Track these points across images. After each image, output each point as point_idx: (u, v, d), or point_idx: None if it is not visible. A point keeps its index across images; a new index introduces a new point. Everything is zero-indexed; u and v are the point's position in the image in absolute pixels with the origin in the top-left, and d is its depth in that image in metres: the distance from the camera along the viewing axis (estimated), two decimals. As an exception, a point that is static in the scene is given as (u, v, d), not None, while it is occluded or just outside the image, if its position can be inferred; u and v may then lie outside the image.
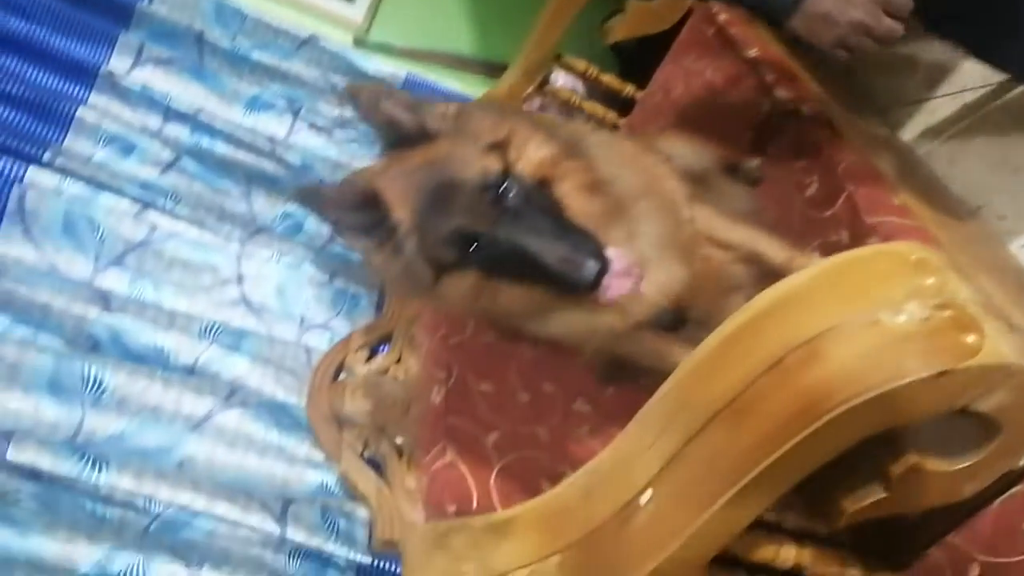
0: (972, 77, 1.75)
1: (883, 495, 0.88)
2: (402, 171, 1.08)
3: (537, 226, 1.01)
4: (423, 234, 1.05)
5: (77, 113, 1.60)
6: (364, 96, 1.08)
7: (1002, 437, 0.81)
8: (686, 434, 0.90)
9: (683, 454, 0.91)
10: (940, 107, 1.79)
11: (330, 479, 1.34)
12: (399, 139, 1.09)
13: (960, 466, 0.84)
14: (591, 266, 0.98)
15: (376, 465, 1.34)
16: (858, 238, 1.27)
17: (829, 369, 0.80)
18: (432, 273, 1.07)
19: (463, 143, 1.07)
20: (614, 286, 1.03)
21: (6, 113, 1.50)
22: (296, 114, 2.00)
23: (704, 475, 0.89)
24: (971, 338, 0.77)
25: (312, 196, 1.10)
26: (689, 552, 0.91)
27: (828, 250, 1.34)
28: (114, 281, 1.44)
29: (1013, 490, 0.90)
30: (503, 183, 1.02)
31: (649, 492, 0.93)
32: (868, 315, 0.81)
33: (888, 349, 0.79)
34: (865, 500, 0.89)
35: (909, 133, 1.85)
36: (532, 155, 1.06)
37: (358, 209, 1.07)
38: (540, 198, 1.04)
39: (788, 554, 1.00)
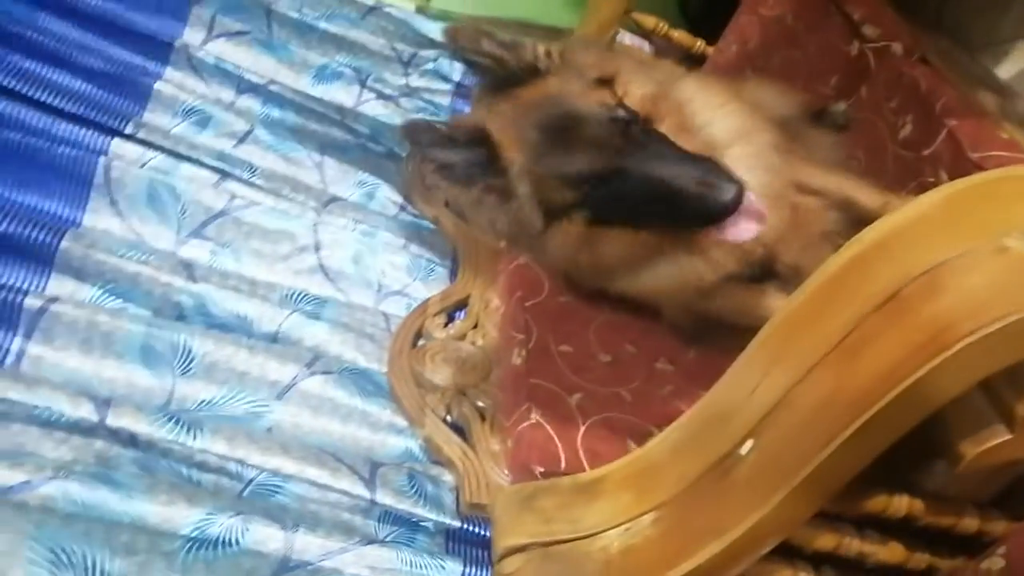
0: (1076, 6, 1.63)
1: (1007, 437, 0.82)
2: (513, 109, 1.05)
3: (667, 154, 0.98)
4: (540, 173, 1.02)
5: (155, 86, 1.63)
6: (463, 36, 1.06)
7: None
8: (792, 378, 0.86)
9: (788, 399, 0.86)
10: (1041, 42, 1.68)
11: (414, 445, 1.34)
12: (501, 79, 1.07)
13: (1100, 404, 0.78)
14: (728, 188, 0.94)
15: (459, 429, 1.33)
16: (960, 176, 1.19)
17: (953, 300, 0.75)
18: (542, 218, 1.03)
19: (571, 79, 1.04)
20: (743, 227, 1.00)
21: (88, 87, 1.54)
22: (363, 84, 2.00)
23: (813, 420, 0.84)
24: (1112, 261, 0.71)
25: (421, 132, 1.05)
26: (794, 504, 0.87)
27: (925, 191, 1.26)
28: (196, 251, 1.46)
29: None
30: (627, 116, 1.00)
31: (750, 442, 0.89)
32: (993, 242, 0.75)
33: (1018, 276, 0.73)
34: (987, 443, 0.83)
35: (1005, 72, 1.74)
36: (636, 92, 1.03)
37: (467, 148, 1.03)
38: (655, 132, 1.01)
39: (900, 504, 0.94)
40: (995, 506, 1.00)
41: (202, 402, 1.24)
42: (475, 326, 1.50)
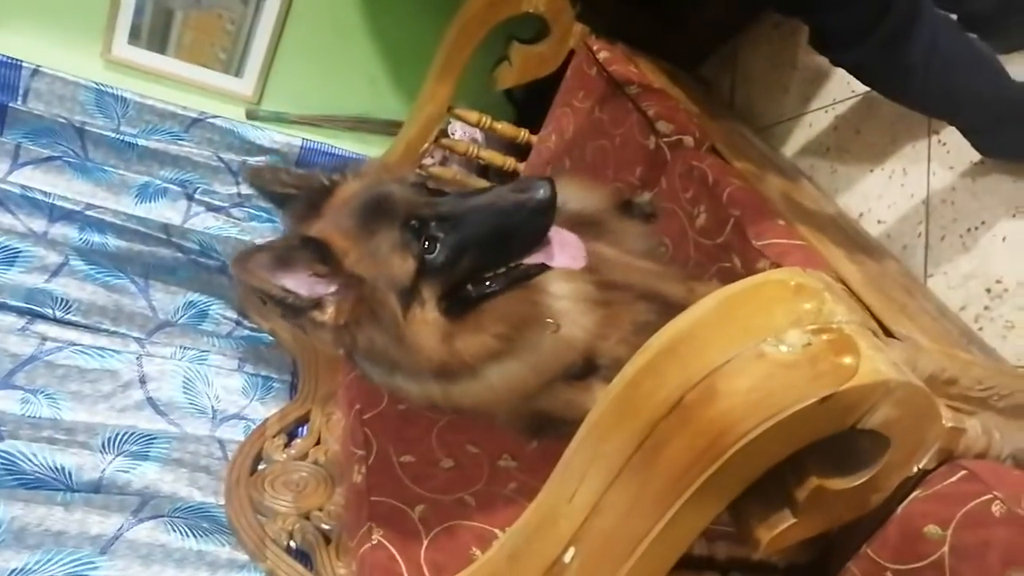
0: (840, 89, 1.84)
1: (793, 520, 0.89)
2: (325, 215, 1.07)
3: (475, 191, 1.06)
4: (372, 252, 1.03)
5: (-48, 229, 1.54)
6: (264, 174, 1.12)
7: (892, 449, 0.83)
8: (602, 484, 0.90)
9: (602, 504, 0.91)
10: (816, 120, 1.88)
11: (258, 578, 1.29)
12: (304, 202, 1.10)
13: (859, 481, 0.86)
14: (539, 184, 1.01)
15: (305, 556, 1.30)
16: (749, 262, 1.31)
17: (725, 405, 0.81)
18: (397, 301, 1.03)
19: (366, 179, 1.10)
20: (559, 257, 1.07)
21: None
22: (191, 197, 1.97)
23: (623, 523, 0.89)
24: (848, 360, 0.79)
25: (251, 258, 1.00)
26: (620, 603, 0.90)
27: (724, 276, 1.37)
28: (5, 403, 1.36)
29: (913, 495, 0.92)
30: (425, 178, 1.05)
31: (572, 550, 0.93)
32: (755, 347, 0.82)
33: (775, 380, 0.80)
34: (778, 527, 0.90)
35: (791, 148, 1.93)
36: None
37: (303, 247, 1.01)
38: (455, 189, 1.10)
39: (714, 587, 1.00)
40: (804, 573, 1.09)
41: (13, 572, 1.15)
42: (317, 442, 1.48)
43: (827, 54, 1.29)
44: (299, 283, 1.00)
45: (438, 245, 1.03)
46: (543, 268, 1.07)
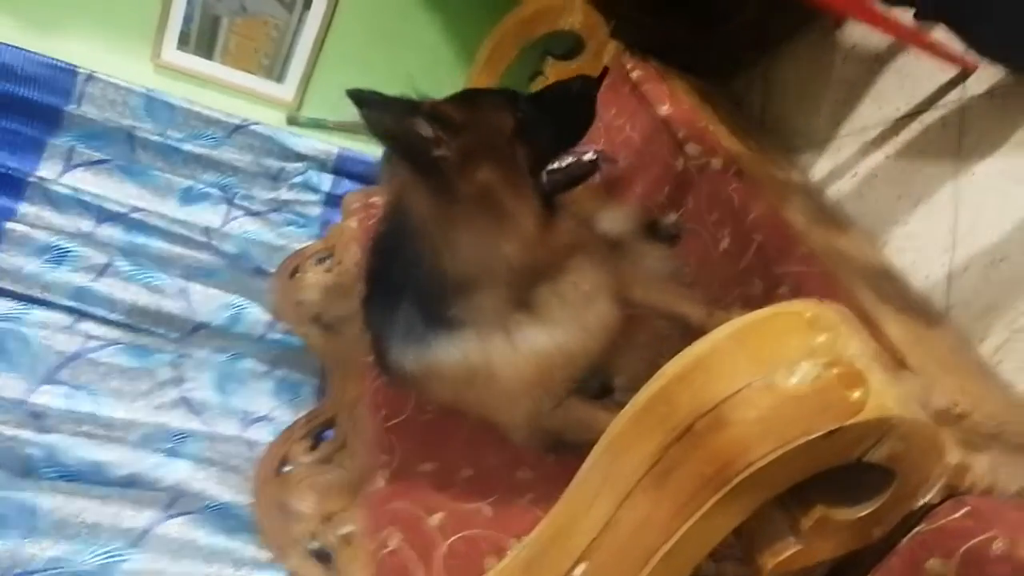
0: (871, 114, 1.84)
1: (798, 548, 0.91)
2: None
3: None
4: (479, 107, 1.20)
5: (6, 227, 1.61)
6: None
7: (897, 483, 0.85)
8: (615, 501, 0.93)
9: (613, 522, 0.93)
10: (845, 145, 1.88)
11: None
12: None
13: (864, 513, 0.88)
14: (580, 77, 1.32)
15: (326, 557, 1.34)
16: (770, 288, 1.32)
17: (733, 434, 0.83)
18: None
19: None
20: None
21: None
22: (230, 202, 2.04)
23: (633, 542, 0.92)
24: (856, 394, 0.81)
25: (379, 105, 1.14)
26: (628, 621, 0.93)
27: (746, 300, 1.39)
28: (49, 398, 1.43)
29: (916, 529, 0.93)
30: None
31: (583, 565, 0.96)
32: (765, 378, 0.85)
33: (783, 411, 0.82)
34: (782, 554, 0.92)
35: (819, 171, 1.94)
36: None
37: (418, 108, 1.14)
38: None
39: (721, 614, 1.02)
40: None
41: (50, 560, 1.21)
42: (342, 447, 1.52)
43: None
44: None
45: (525, 110, 1.22)
46: (594, 166, 1.31)
